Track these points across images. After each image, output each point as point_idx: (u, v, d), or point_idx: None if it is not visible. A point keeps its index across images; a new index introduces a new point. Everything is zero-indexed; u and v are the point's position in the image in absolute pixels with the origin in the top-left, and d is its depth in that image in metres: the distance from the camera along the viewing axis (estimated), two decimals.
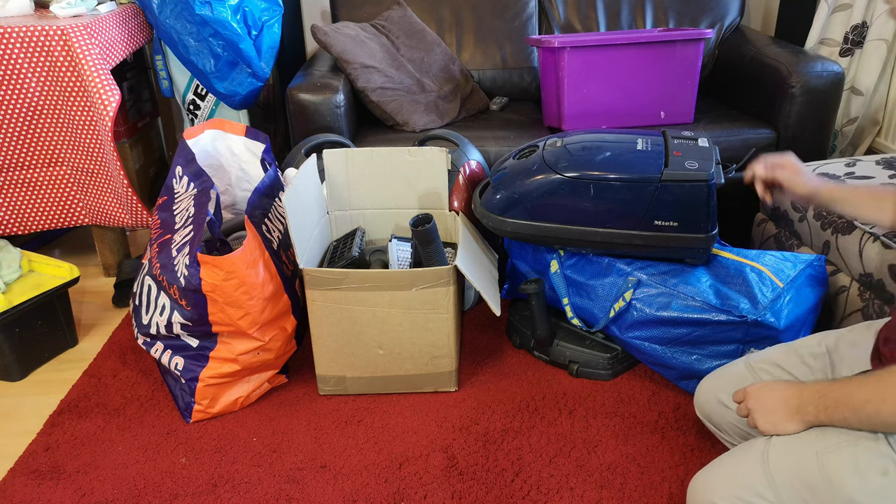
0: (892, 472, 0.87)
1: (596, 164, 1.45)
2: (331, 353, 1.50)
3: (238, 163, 1.76)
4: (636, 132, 1.57)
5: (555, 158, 1.48)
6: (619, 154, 1.47)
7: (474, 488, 1.29)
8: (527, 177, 1.50)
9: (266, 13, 2.19)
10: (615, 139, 1.52)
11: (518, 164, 1.53)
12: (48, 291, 1.67)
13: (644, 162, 1.45)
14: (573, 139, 1.54)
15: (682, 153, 1.47)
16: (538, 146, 1.55)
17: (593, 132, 1.58)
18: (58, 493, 1.30)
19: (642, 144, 1.50)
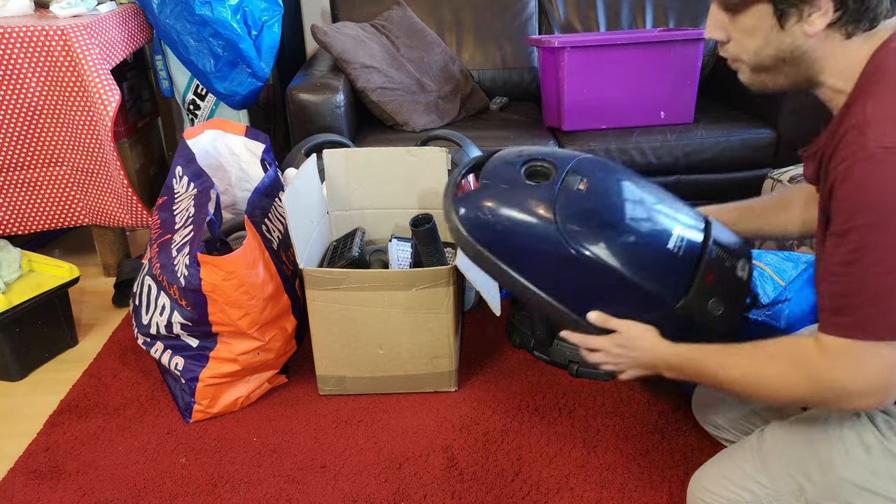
0: (876, 447, 0.89)
1: (617, 246, 1.04)
2: (331, 353, 1.50)
3: (238, 163, 1.76)
4: (677, 203, 1.14)
5: (570, 214, 1.05)
6: (645, 244, 1.05)
7: (474, 488, 1.29)
8: (524, 211, 1.07)
9: (266, 13, 2.19)
10: (648, 217, 1.08)
11: (520, 190, 1.10)
12: (48, 291, 1.67)
13: (667, 272, 1.05)
14: (602, 193, 1.09)
15: (715, 279, 1.07)
16: (555, 173, 1.11)
17: (628, 184, 1.12)
18: (58, 493, 1.30)
19: (676, 240, 1.06)
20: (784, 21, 0.81)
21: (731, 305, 1.08)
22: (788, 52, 0.83)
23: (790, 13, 0.80)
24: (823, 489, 0.92)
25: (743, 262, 1.12)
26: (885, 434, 0.89)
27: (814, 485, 0.93)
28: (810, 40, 0.81)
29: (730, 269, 1.10)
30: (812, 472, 0.93)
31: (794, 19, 0.80)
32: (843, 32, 0.80)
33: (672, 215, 1.10)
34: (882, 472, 0.88)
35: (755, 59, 0.86)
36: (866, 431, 0.90)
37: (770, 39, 0.83)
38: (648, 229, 1.06)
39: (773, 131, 2.07)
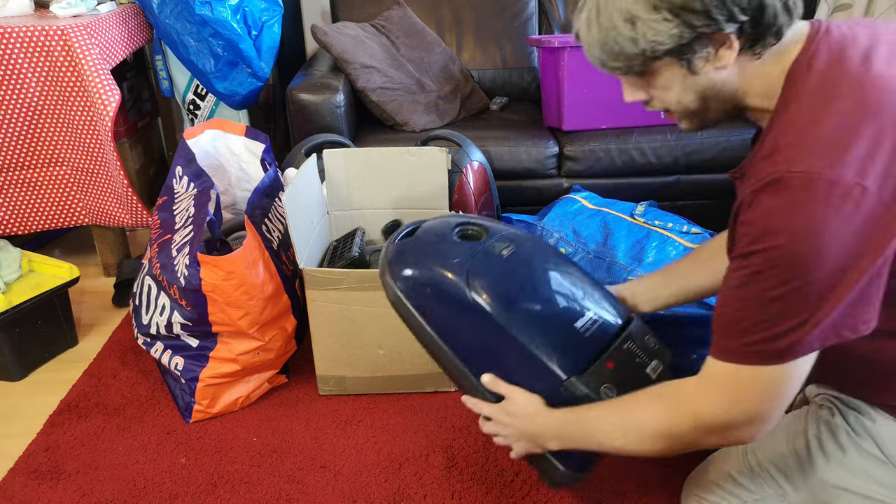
0: (850, 445, 0.89)
1: (518, 310, 1.04)
2: (331, 353, 1.50)
3: (238, 163, 1.77)
4: (607, 297, 1.12)
5: (482, 271, 1.06)
6: (549, 315, 1.05)
7: (474, 488, 1.29)
8: (440, 260, 1.08)
9: (266, 13, 2.19)
10: (563, 293, 1.08)
11: (445, 244, 1.11)
12: (48, 291, 1.67)
13: (565, 347, 1.03)
14: (522, 262, 1.10)
15: (616, 366, 1.05)
16: (485, 236, 1.13)
17: (556, 265, 1.12)
18: (58, 493, 1.30)
19: (587, 321, 1.06)
20: (693, 67, 0.79)
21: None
22: (709, 91, 0.82)
23: (696, 59, 0.78)
24: (806, 493, 0.92)
25: (657, 364, 1.08)
26: (857, 432, 0.89)
27: (796, 489, 0.93)
28: (724, 73, 0.80)
29: (638, 365, 1.07)
30: (794, 477, 0.94)
31: (701, 62, 0.79)
32: (752, 55, 0.79)
33: (592, 301, 1.09)
34: (859, 472, 0.88)
35: (680, 107, 0.85)
36: (840, 431, 0.91)
37: (687, 87, 0.82)
38: (557, 303, 1.06)
39: None
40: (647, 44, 0.77)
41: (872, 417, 0.88)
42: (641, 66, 0.81)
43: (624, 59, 0.81)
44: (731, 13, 0.74)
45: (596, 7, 0.80)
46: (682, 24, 0.75)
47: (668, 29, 0.76)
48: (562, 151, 2.08)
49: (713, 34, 0.76)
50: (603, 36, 0.80)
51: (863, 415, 0.89)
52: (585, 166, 2.07)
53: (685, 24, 0.75)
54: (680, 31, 0.76)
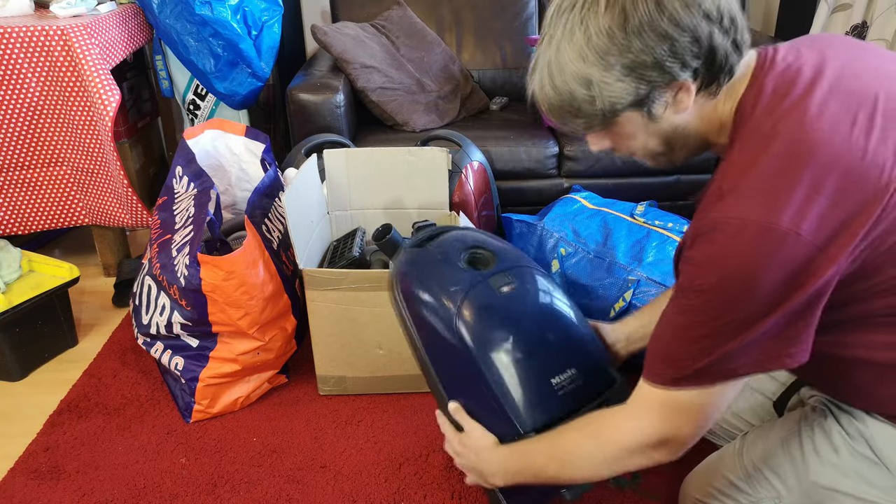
0: (843, 447, 0.89)
1: (497, 352, 1.02)
2: (331, 353, 1.50)
3: (238, 163, 1.77)
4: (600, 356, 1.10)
5: (474, 304, 1.05)
6: (526, 366, 1.02)
7: (474, 488, 1.29)
8: (439, 283, 1.09)
9: (266, 13, 2.19)
10: (549, 345, 1.05)
11: (448, 266, 1.11)
12: (48, 291, 1.67)
13: (532, 402, 1.01)
14: (518, 304, 1.08)
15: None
16: (491, 266, 1.12)
17: (556, 311, 1.10)
18: (58, 493, 1.30)
19: (564, 379, 1.03)
20: (654, 115, 0.79)
21: None
22: (671, 134, 0.82)
23: (656, 107, 0.78)
24: (799, 494, 0.93)
25: None
26: (850, 434, 0.89)
27: (790, 491, 0.93)
28: (685, 115, 0.80)
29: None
30: (788, 478, 0.94)
31: (661, 109, 0.78)
32: (708, 94, 0.79)
33: (579, 358, 1.05)
34: (851, 473, 0.88)
35: (645, 152, 0.85)
36: (833, 433, 0.91)
37: (650, 133, 0.82)
38: (538, 355, 1.03)
39: None
40: (605, 102, 0.77)
41: (865, 420, 0.88)
42: (602, 123, 0.81)
43: (584, 118, 0.81)
44: (683, 61, 0.74)
45: (548, 71, 0.80)
46: (637, 79, 0.75)
47: (623, 87, 0.76)
48: (562, 151, 2.08)
49: (669, 83, 0.76)
50: (559, 98, 0.81)
51: (856, 418, 0.89)
52: (585, 166, 2.07)
53: (640, 79, 0.75)
54: (636, 87, 0.76)
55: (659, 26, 0.72)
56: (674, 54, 0.74)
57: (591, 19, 0.75)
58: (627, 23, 0.73)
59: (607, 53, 0.75)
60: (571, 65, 0.77)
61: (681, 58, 0.74)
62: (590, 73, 0.76)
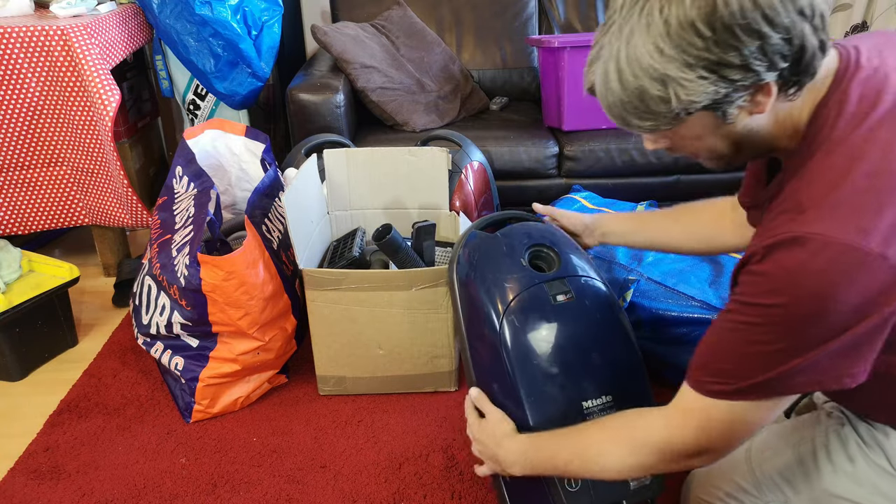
0: (859, 457, 0.88)
1: (534, 366, 1.01)
2: (331, 353, 1.50)
3: (238, 163, 1.76)
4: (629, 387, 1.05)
5: (524, 310, 1.04)
6: (561, 384, 1.00)
7: (474, 488, 1.29)
8: (496, 280, 1.07)
9: (266, 13, 2.19)
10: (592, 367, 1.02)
11: (509, 262, 1.09)
12: (48, 291, 1.67)
13: (554, 421, 0.99)
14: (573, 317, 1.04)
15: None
16: (554, 269, 1.09)
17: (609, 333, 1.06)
18: (58, 493, 1.30)
19: (597, 404, 1.01)
20: (728, 117, 0.72)
21: (593, 489, 1.00)
22: (742, 137, 0.76)
23: (732, 109, 0.72)
24: (809, 501, 0.92)
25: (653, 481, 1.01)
26: (868, 444, 0.88)
27: (799, 497, 0.92)
28: (759, 118, 0.74)
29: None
30: (798, 484, 0.93)
31: (737, 111, 0.72)
32: (788, 97, 0.73)
33: (616, 387, 1.02)
34: (865, 482, 0.87)
35: (709, 154, 0.79)
36: (850, 442, 0.89)
37: (720, 135, 0.76)
38: (577, 375, 1.00)
39: None
40: (680, 103, 0.71)
41: (885, 431, 0.86)
42: (670, 123, 0.74)
43: (652, 119, 0.74)
44: (771, 62, 0.68)
45: (616, 64, 0.72)
46: (720, 79, 0.69)
47: (704, 87, 0.69)
48: (562, 151, 2.08)
49: (752, 84, 0.70)
50: (628, 96, 0.73)
51: (875, 428, 0.87)
52: (585, 166, 2.07)
53: (723, 79, 0.69)
54: (716, 88, 0.69)
55: (751, 22, 0.66)
56: (763, 54, 0.67)
57: (674, 8, 0.67)
58: (716, 15, 0.65)
59: (689, 49, 0.67)
60: (646, 59, 0.69)
61: (770, 58, 0.67)
62: (667, 69, 0.69)
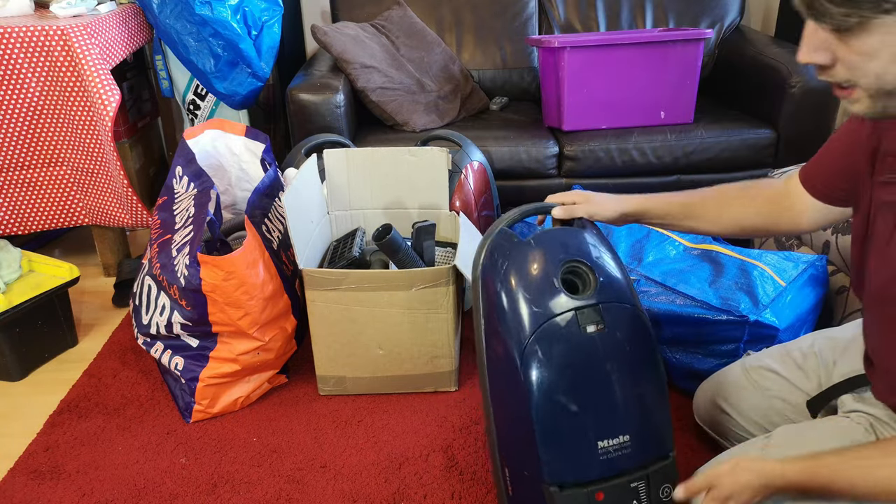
0: None
1: (550, 399, 0.96)
2: (331, 354, 1.50)
3: (238, 163, 1.76)
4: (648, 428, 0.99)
5: (548, 340, 0.97)
6: (577, 422, 0.96)
7: (474, 488, 1.29)
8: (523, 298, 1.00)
9: (266, 13, 2.19)
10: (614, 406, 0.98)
11: (543, 281, 1.01)
12: (48, 291, 1.67)
13: (567, 457, 0.96)
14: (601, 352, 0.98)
15: (605, 500, 0.97)
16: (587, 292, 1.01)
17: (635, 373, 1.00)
18: (58, 493, 1.30)
19: (613, 446, 0.96)
20: None
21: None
22: None
23: None
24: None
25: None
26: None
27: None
28: None
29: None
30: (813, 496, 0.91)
31: None
32: None
33: (635, 427, 0.97)
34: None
35: (878, 83, 0.69)
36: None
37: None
38: (595, 413, 0.95)
39: (773, 131, 2.07)
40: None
41: None
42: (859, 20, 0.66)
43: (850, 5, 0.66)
44: None
45: None
46: None
47: None
48: (562, 151, 2.08)
49: None
50: None
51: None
52: (585, 166, 2.07)
53: None
54: None
55: None
56: None
57: None
58: None
59: None
60: None
61: None
62: None
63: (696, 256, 1.59)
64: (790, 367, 1.15)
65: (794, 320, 1.42)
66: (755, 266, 1.50)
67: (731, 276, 1.49)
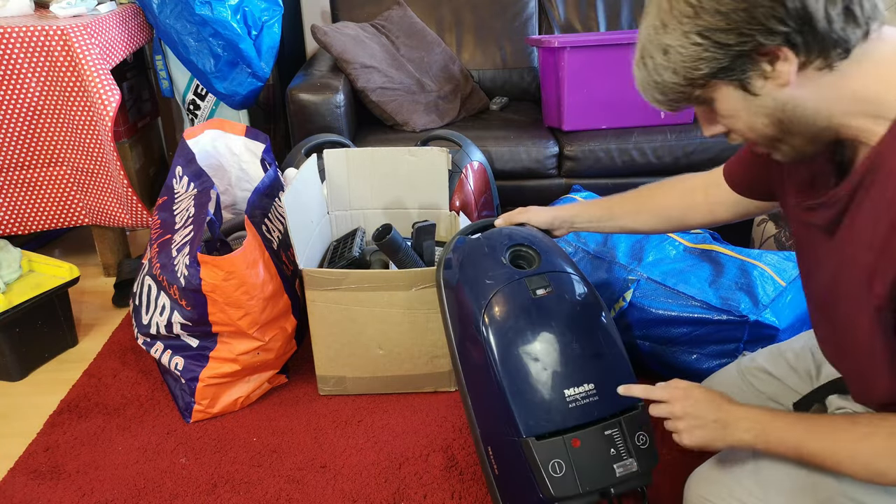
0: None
1: (514, 354, 1.03)
2: (331, 354, 1.50)
3: (238, 163, 1.76)
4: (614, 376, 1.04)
5: (506, 305, 1.07)
6: (540, 372, 1.02)
7: (474, 488, 1.29)
8: (476, 275, 1.13)
9: (266, 13, 2.19)
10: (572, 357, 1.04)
11: (490, 261, 1.13)
12: (48, 291, 1.67)
13: (538, 409, 1.01)
14: (550, 310, 1.07)
15: (582, 447, 0.99)
16: (534, 265, 1.13)
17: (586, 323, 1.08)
18: (58, 493, 1.30)
19: (580, 394, 1.01)
20: (749, 89, 0.74)
21: (578, 474, 0.98)
22: (778, 113, 0.75)
23: (750, 79, 0.73)
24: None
25: (631, 464, 1.00)
26: None
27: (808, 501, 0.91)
28: (790, 90, 0.73)
29: (610, 458, 0.99)
30: (806, 496, 0.91)
31: (758, 81, 0.73)
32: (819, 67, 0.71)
33: (600, 374, 1.03)
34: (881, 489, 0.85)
35: (756, 134, 0.79)
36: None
37: (752, 111, 0.76)
38: (557, 363, 1.02)
39: None
40: (684, 70, 0.75)
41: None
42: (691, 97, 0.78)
43: (670, 91, 0.79)
44: (766, 27, 0.68)
45: (641, 48, 0.79)
46: (714, 45, 0.71)
47: (698, 53, 0.73)
48: (562, 151, 2.08)
49: (756, 51, 0.70)
50: (648, 73, 0.80)
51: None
52: (585, 166, 2.07)
53: (717, 45, 0.71)
54: (713, 54, 0.72)
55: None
56: (752, 19, 0.69)
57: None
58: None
59: (683, 19, 0.72)
60: (654, 36, 0.76)
61: (761, 23, 0.68)
62: (668, 41, 0.74)
63: (695, 256, 1.59)
64: (783, 368, 1.15)
65: (794, 320, 1.42)
66: (755, 266, 1.50)
67: (731, 275, 1.49)
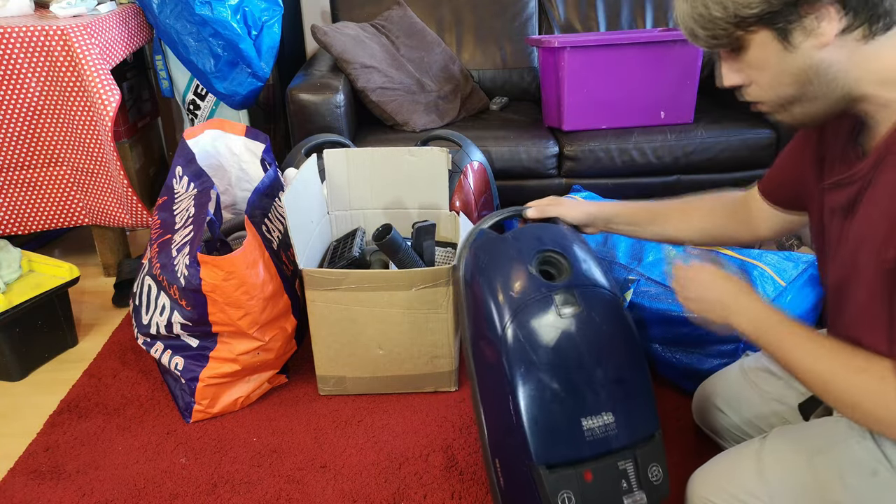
0: (882, 472, 0.86)
1: (533, 378, 0.98)
2: (331, 354, 1.50)
3: (238, 163, 1.76)
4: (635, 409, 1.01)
5: (529, 323, 1.01)
6: (560, 401, 0.98)
7: (474, 488, 1.29)
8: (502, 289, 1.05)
9: (266, 13, 2.19)
10: (595, 384, 1.00)
11: (519, 270, 1.06)
12: (48, 291, 1.67)
13: (553, 436, 0.97)
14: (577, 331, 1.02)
15: (594, 481, 0.97)
16: (562, 278, 1.07)
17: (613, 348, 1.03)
18: (58, 493, 1.30)
19: (597, 424, 0.98)
20: (789, 41, 0.73)
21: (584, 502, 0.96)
22: (807, 73, 0.75)
23: (793, 31, 0.73)
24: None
25: (641, 498, 0.98)
26: (891, 460, 0.85)
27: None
28: (826, 52, 0.73)
29: (621, 491, 0.97)
30: (811, 493, 0.90)
31: (799, 36, 0.73)
32: (859, 36, 0.72)
33: (620, 406, 0.99)
34: (890, 495, 0.85)
35: (775, 93, 0.79)
36: (871, 454, 0.86)
37: (783, 66, 0.75)
38: (577, 390, 0.98)
39: (773, 131, 2.07)
40: (735, 7, 0.73)
41: None
42: (731, 36, 0.77)
43: (713, 27, 0.77)
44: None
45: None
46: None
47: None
48: (562, 151, 2.08)
49: (809, 3, 0.70)
50: (694, 5, 0.78)
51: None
52: (585, 166, 2.07)
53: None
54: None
55: None
56: None
57: None
58: None
59: None
60: None
61: None
62: None
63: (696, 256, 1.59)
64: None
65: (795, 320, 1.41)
66: (755, 266, 1.50)
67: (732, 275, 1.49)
